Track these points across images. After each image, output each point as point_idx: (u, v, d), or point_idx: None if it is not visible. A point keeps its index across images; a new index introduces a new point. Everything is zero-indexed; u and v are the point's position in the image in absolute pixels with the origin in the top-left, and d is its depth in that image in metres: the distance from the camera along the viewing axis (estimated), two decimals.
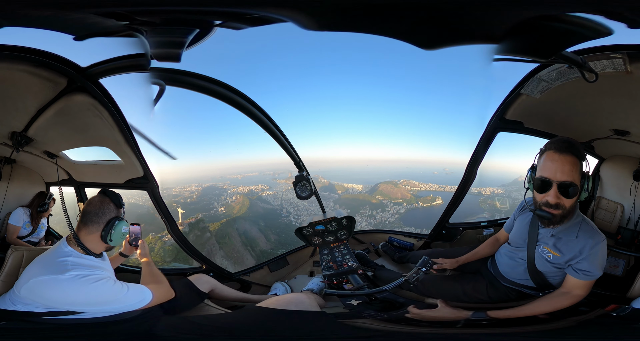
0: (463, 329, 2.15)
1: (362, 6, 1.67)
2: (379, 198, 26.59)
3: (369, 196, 27.37)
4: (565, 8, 1.53)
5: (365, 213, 25.23)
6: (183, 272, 3.28)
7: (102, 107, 2.45)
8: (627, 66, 1.91)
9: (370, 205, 26.17)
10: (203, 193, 28.58)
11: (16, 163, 3.21)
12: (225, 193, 28.29)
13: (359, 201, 27.13)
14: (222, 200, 27.60)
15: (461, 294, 2.40)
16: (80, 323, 1.91)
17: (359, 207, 25.84)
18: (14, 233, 3.30)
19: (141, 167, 2.94)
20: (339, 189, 28.73)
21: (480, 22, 1.69)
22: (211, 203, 27.21)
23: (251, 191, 27.17)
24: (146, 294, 2.05)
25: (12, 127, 2.69)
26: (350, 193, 28.48)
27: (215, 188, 29.32)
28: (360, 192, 28.20)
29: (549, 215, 1.92)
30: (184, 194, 27.85)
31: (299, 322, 2.10)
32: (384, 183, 27.42)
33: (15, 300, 1.88)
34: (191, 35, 1.92)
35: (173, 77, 2.35)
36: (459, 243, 3.48)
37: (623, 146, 2.71)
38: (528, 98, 2.51)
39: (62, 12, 1.70)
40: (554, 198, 1.88)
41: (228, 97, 2.58)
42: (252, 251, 20.45)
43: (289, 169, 27.64)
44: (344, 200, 27.69)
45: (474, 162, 3.02)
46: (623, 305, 2.04)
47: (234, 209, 26.14)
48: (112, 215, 2.03)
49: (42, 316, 1.86)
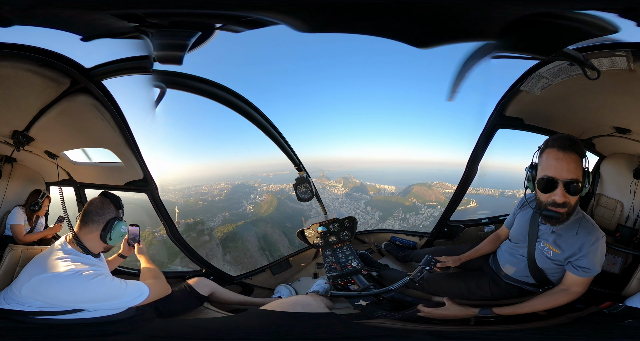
0: (471, 327, 2.16)
1: (353, 7, 1.67)
2: (412, 201, 26.02)
3: (402, 198, 26.78)
4: (576, 4, 1.54)
5: (399, 217, 24.60)
6: (182, 276, 3.25)
7: (104, 109, 2.44)
8: (630, 64, 1.91)
9: (403, 208, 25.51)
10: (233, 191, 28.16)
11: (16, 162, 3.19)
12: (255, 192, 27.87)
13: (391, 203, 26.47)
14: (252, 199, 27.16)
15: (465, 291, 2.40)
16: (74, 323, 1.91)
17: (392, 210, 25.22)
18: (21, 233, 3.29)
19: (141, 169, 2.93)
20: (370, 190, 28.13)
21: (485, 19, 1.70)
22: (240, 201, 26.75)
23: (281, 190, 26.57)
24: (144, 290, 2.06)
25: (13, 126, 2.68)
26: (383, 194, 27.92)
27: (246, 186, 28.89)
28: (393, 193, 27.59)
29: (557, 214, 1.90)
30: (213, 192, 27.42)
31: (309, 324, 2.09)
32: (417, 185, 26.74)
33: (10, 298, 1.87)
34: (193, 38, 1.93)
35: (173, 79, 2.35)
36: (460, 240, 3.50)
37: (624, 144, 2.74)
38: (528, 94, 2.52)
39: (73, 13, 1.70)
40: (562, 197, 1.85)
41: (227, 99, 2.59)
42: (271, 256, 19.70)
43: (320, 168, 27.21)
44: (375, 201, 27.04)
45: (474, 159, 3.03)
46: (617, 302, 2.05)
47: (262, 208, 25.64)
48: (112, 215, 2.08)
49: (31, 315, 1.86)
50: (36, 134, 2.77)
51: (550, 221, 1.98)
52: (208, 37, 1.95)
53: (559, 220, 1.93)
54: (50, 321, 1.87)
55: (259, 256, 19.87)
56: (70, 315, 1.90)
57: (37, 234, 3.50)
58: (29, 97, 2.35)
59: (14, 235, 3.29)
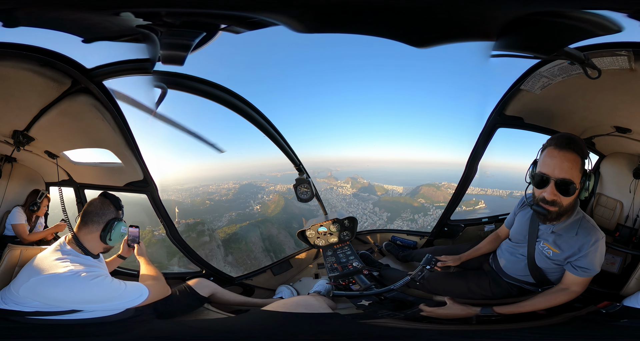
0: (473, 326, 2.16)
1: (349, 7, 1.68)
2: (421, 201, 25.75)
3: (410, 199, 26.45)
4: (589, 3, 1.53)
5: (407, 218, 24.30)
6: (182, 276, 3.24)
7: (104, 109, 2.44)
8: (631, 64, 1.91)
9: (411, 209, 25.19)
10: (240, 190, 27.90)
11: (17, 161, 3.18)
12: (263, 192, 27.62)
13: (399, 204, 26.17)
14: (259, 199, 26.94)
15: (466, 291, 2.41)
16: (72, 323, 1.91)
17: (400, 211, 24.95)
18: (24, 232, 3.28)
19: (141, 170, 2.93)
20: (378, 190, 27.78)
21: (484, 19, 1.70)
22: (247, 201, 26.54)
23: (289, 190, 26.10)
24: (143, 291, 2.06)
25: (14, 125, 2.67)
26: (391, 195, 27.58)
27: (253, 186, 28.60)
28: (401, 194, 27.23)
29: (545, 211, 1.92)
30: (221, 191, 27.18)
31: (312, 324, 2.08)
32: (425, 185, 26.44)
33: (7, 298, 1.87)
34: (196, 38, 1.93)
35: (173, 80, 2.35)
36: (460, 239, 3.50)
37: (624, 143, 2.73)
38: (528, 93, 2.52)
39: (77, 15, 1.70)
40: (551, 194, 1.88)
41: (226, 100, 2.58)
42: (276, 258, 19.60)
43: (328, 168, 26.76)
44: (383, 202, 26.73)
45: (474, 158, 3.04)
46: (615, 302, 2.05)
47: (269, 208, 25.40)
48: (111, 216, 2.08)
49: (28, 315, 1.85)
50: (36, 134, 2.77)
51: (538, 216, 2.01)
52: (211, 38, 1.95)
53: (546, 217, 1.95)
54: (47, 322, 1.87)
55: (264, 258, 19.67)
56: (67, 315, 1.89)
57: (41, 233, 3.49)
58: (29, 97, 2.34)
59: (18, 234, 3.28)
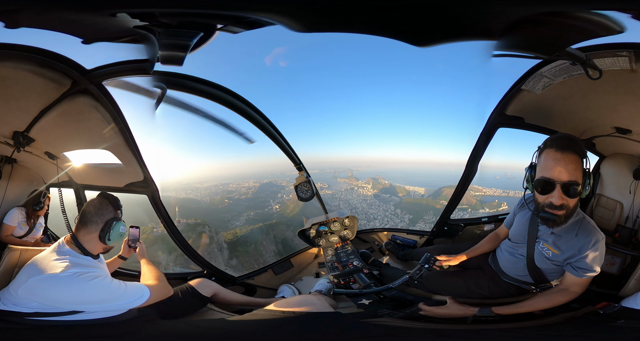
0: (470, 325, 2.17)
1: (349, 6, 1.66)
2: (443, 203, 25.14)
3: (432, 201, 25.89)
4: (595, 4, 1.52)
5: (429, 220, 23.69)
6: (183, 277, 3.25)
7: (104, 110, 2.43)
8: (632, 64, 1.90)
9: (434, 211, 24.37)
10: (260, 189, 27.52)
11: (17, 162, 3.17)
12: (283, 191, 27.26)
13: (421, 206, 25.65)
14: (279, 198, 26.61)
15: (465, 290, 2.42)
16: (72, 324, 1.90)
17: (422, 212, 24.46)
18: (6, 231, 3.25)
19: (141, 171, 2.93)
20: (400, 192, 27.30)
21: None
22: (267, 200, 26.16)
23: None
24: (144, 291, 2.05)
25: (14, 127, 2.66)
26: (412, 196, 27.12)
27: (273, 185, 28.22)
28: (423, 195, 26.79)
29: (554, 216, 1.88)
30: (240, 190, 26.85)
31: (315, 323, 2.09)
32: (448, 187, 25.52)
33: (6, 299, 1.86)
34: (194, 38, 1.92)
35: (173, 80, 2.35)
36: (460, 239, 3.51)
37: (624, 144, 2.72)
38: (529, 94, 2.51)
39: (77, 16, 1.69)
40: (559, 199, 1.82)
41: (226, 100, 2.58)
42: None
43: (349, 168, 26.26)
44: (405, 204, 26.23)
45: (475, 158, 3.03)
46: (614, 303, 2.05)
47: (287, 208, 25.05)
48: (110, 215, 2.07)
49: (26, 316, 1.84)
50: (36, 135, 2.76)
51: (547, 223, 1.96)
52: (209, 38, 1.95)
53: (556, 222, 1.92)
54: (45, 323, 1.85)
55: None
56: (67, 316, 1.88)
57: (23, 241, 3.37)
58: (29, 98, 2.34)
59: (2, 233, 3.23)
